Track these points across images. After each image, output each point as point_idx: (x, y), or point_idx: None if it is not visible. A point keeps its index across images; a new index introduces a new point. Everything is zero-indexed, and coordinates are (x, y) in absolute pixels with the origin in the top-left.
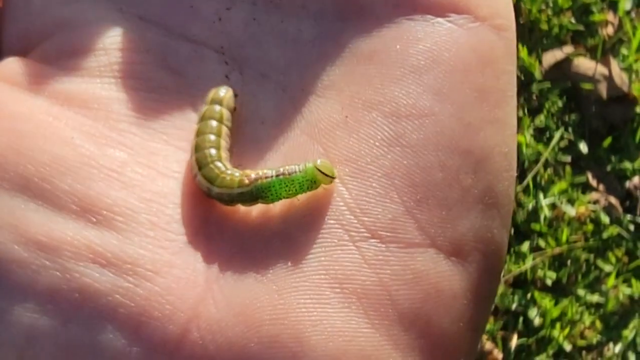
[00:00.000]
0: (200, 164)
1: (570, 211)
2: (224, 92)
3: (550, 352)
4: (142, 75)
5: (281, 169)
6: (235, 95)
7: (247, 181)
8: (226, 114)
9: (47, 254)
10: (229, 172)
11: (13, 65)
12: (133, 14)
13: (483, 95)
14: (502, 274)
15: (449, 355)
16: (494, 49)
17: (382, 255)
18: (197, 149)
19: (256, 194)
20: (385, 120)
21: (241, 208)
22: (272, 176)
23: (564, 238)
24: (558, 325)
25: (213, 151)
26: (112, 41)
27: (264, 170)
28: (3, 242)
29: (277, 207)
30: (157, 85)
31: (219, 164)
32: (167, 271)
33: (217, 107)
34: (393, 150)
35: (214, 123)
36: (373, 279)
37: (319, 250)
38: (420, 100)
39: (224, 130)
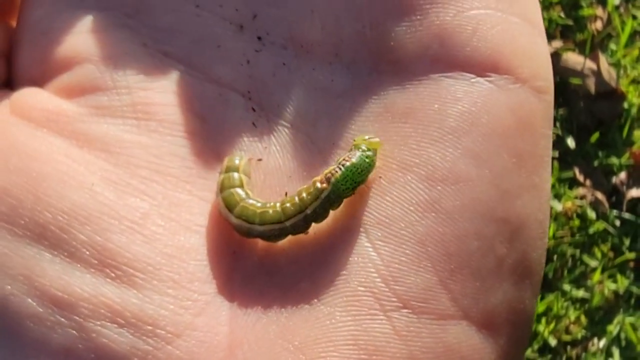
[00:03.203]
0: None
1: (557, 206)
2: (239, 160)
3: (536, 347)
4: (166, 118)
5: (341, 160)
6: (259, 160)
7: (323, 185)
8: (245, 179)
9: (63, 310)
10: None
11: (30, 98)
12: (158, 49)
13: (521, 161)
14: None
15: None
16: (533, 112)
17: (414, 326)
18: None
19: (336, 192)
20: (421, 184)
21: (267, 266)
22: (340, 169)
23: (550, 233)
24: (543, 320)
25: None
26: (135, 79)
27: (328, 169)
28: (17, 295)
29: (306, 268)
30: (182, 129)
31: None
32: (189, 334)
33: (236, 175)
34: (428, 216)
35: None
36: (404, 351)
37: (348, 319)
38: (458, 165)
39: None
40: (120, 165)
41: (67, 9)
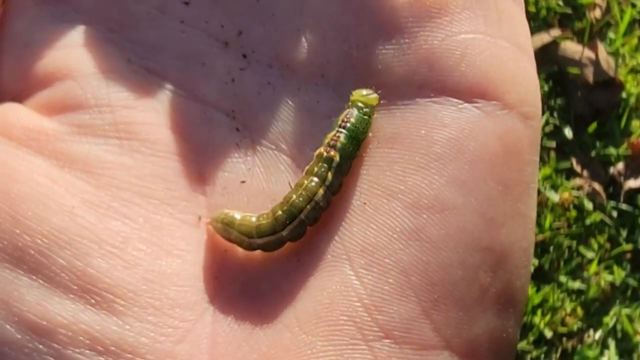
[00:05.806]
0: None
1: (554, 197)
2: (228, 214)
3: (531, 338)
4: (148, 138)
5: (340, 123)
6: (243, 182)
7: (330, 152)
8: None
9: (42, 337)
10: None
11: (10, 115)
12: (142, 66)
13: (507, 188)
14: None
15: None
16: (520, 139)
17: (396, 357)
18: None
19: (345, 153)
20: (406, 212)
21: (249, 293)
22: (340, 133)
23: (547, 224)
24: (539, 311)
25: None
26: (118, 97)
27: (328, 137)
28: None
29: (288, 296)
30: (164, 150)
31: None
32: None
33: (237, 214)
34: (412, 245)
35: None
36: None
37: (329, 348)
38: (443, 193)
39: None
40: (102, 187)
41: (50, 21)
